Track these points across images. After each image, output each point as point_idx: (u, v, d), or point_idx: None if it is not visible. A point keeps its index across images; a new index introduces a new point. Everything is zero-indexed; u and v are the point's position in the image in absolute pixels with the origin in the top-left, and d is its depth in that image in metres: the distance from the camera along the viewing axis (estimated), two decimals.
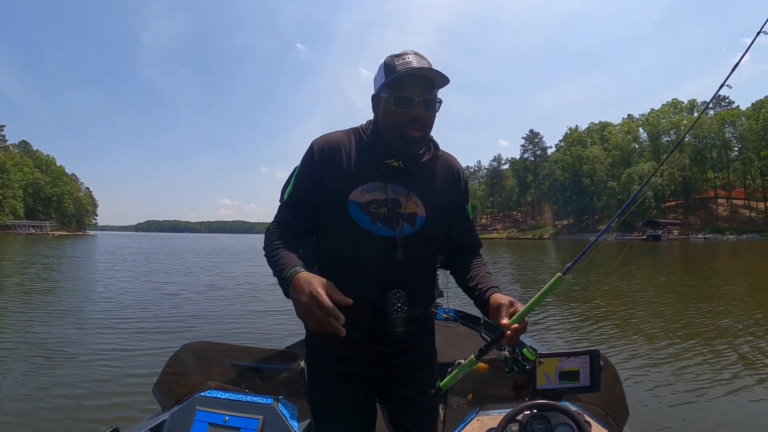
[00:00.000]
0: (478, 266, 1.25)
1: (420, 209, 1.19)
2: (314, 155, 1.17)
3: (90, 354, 4.53)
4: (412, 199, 1.18)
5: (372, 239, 1.14)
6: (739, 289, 9.92)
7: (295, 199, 1.19)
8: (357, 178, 1.16)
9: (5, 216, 75.80)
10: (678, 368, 4.16)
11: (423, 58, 1.13)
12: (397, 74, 1.09)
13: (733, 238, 58.75)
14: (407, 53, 1.12)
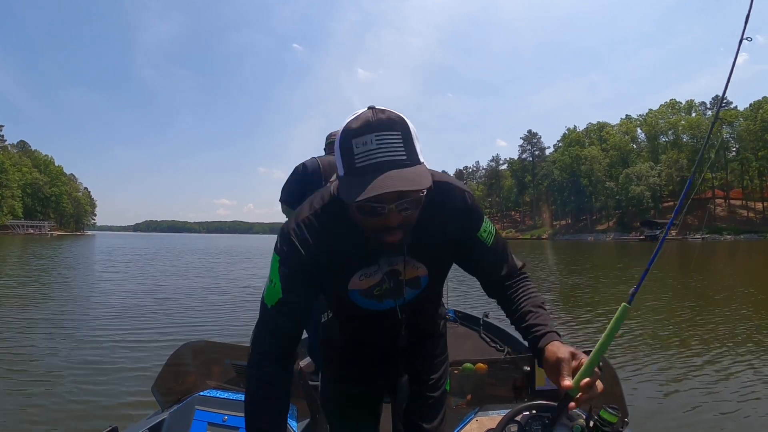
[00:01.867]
0: (524, 297, 1.08)
1: (421, 270, 1.09)
2: (300, 252, 0.96)
3: (89, 353, 4.53)
4: (410, 263, 1.06)
5: (379, 312, 1.12)
6: (739, 289, 9.95)
7: (286, 304, 0.99)
8: (350, 268, 1.03)
9: (4, 216, 75.65)
10: (677, 368, 4.17)
11: (391, 133, 0.85)
12: (356, 172, 0.84)
13: (730, 238, 58.93)
14: (368, 127, 0.84)
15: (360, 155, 0.83)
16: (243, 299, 8.41)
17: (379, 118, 0.84)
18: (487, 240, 1.06)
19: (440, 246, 1.07)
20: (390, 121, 0.84)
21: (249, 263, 18.62)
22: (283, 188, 2.97)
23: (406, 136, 0.85)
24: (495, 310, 6.50)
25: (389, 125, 0.84)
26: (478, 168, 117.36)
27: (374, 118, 0.84)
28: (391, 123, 0.84)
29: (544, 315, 1.04)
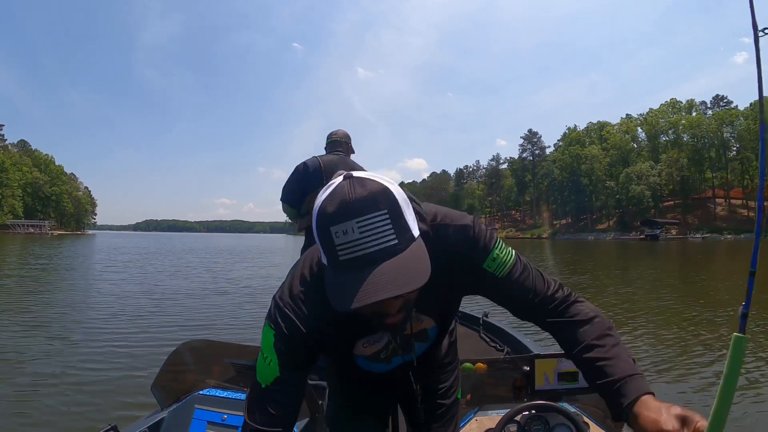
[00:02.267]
0: (578, 325, 0.86)
1: (428, 322, 1.00)
2: (298, 328, 0.84)
3: (88, 351, 4.53)
4: (415, 318, 0.97)
5: (388, 372, 1.07)
6: (740, 289, 9.95)
7: (284, 383, 0.86)
8: (353, 336, 0.97)
9: (4, 215, 75.70)
10: (677, 368, 4.17)
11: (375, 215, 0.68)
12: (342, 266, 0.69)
13: (731, 237, 58.90)
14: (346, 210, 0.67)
15: (343, 247, 0.68)
16: (243, 298, 8.41)
17: (358, 197, 0.67)
18: (498, 270, 0.88)
19: (447, 294, 0.97)
20: (372, 198, 0.67)
21: (249, 263, 18.63)
22: (284, 188, 2.98)
23: (395, 212, 0.69)
24: (495, 309, 6.53)
25: (372, 205, 0.67)
26: (479, 167, 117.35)
27: (352, 197, 0.67)
28: (374, 201, 0.67)
29: (615, 350, 0.80)
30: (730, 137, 69.97)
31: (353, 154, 3.15)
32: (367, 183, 0.69)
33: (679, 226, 68.68)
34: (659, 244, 44.82)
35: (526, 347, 2.21)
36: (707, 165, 72.90)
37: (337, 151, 3.01)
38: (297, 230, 3.08)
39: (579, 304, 0.90)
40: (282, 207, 3.03)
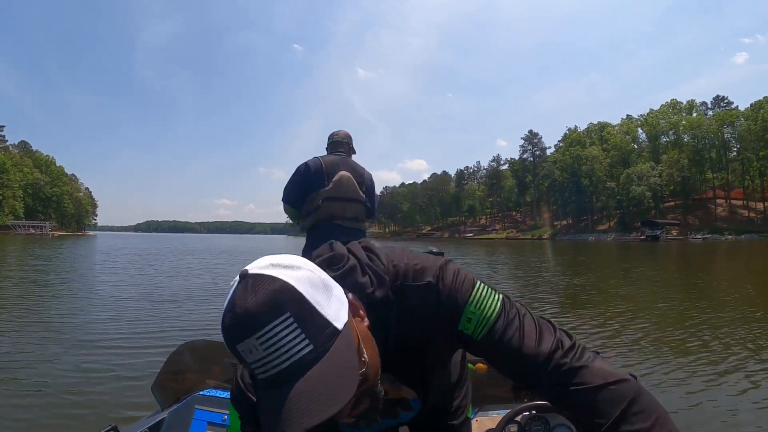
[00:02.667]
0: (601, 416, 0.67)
1: (408, 392, 0.86)
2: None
3: (89, 352, 4.53)
4: (393, 385, 0.84)
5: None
6: (741, 289, 9.94)
7: None
8: None
9: (5, 216, 75.73)
10: (678, 369, 4.17)
11: (275, 326, 0.54)
12: (262, 384, 0.58)
13: (731, 238, 58.82)
14: (245, 325, 0.55)
15: (255, 366, 0.56)
16: None
17: (253, 306, 0.54)
18: (477, 330, 0.71)
19: (424, 362, 0.81)
20: (269, 304, 0.55)
21: (250, 263, 18.61)
22: (285, 188, 2.98)
23: (302, 311, 0.56)
24: None
25: (270, 312, 0.54)
26: (479, 168, 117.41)
27: (246, 307, 0.55)
28: (273, 307, 0.54)
29: None
30: (731, 138, 69.99)
31: (354, 155, 3.15)
32: (262, 285, 0.57)
33: (679, 226, 68.65)
34: (660, 245, 44.78)
35: None
36: (708, 165, 72.88)
37: (338, 152, 3.01)
38: (299, 231, 3.07)
39: (589, 369, 0.70)
40: (283, 207, 3.03)
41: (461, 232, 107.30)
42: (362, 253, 0.76)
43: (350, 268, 0.72)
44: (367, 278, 0.72)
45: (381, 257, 0.76)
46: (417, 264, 0.75)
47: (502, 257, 23.86)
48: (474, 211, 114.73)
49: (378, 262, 0.74)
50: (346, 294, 0.64)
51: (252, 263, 0.62)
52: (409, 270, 0.75)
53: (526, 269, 16.10)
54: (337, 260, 0.73)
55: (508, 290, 10.00)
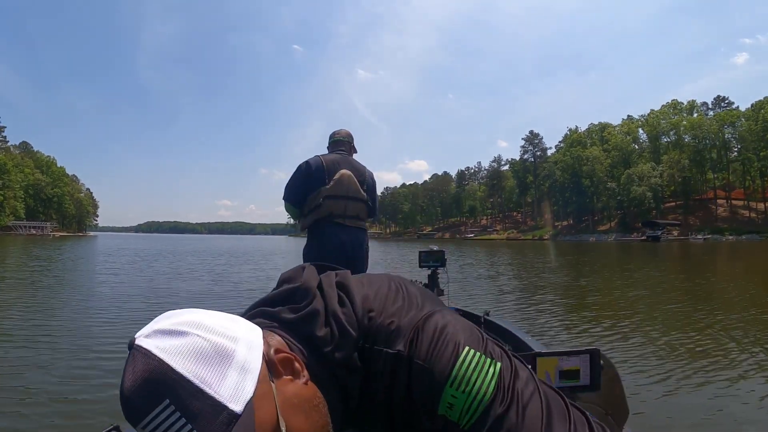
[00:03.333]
0: None
1: None
2: None
3: (90, 351, 4.53)
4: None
5: None
6: (742, 289, 9.93)
7: None
8: None
9: (6, 217, 75.84)
10: (679, 368, 4.16)
11: (158, 413, 0.46)
12: None
13: (732, 238, 58.74)
14: (131, 410, 0.48)
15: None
16: (244, 298, 8.42)
17: (132, 393, 0.47)
18: (464, 417, 0.54)
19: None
20: (147, 390, 0.46)
21: (251, 264, 18.63)
22: (286, 186, 2.98)
23: (182, 396, 0.46)
24: (496, 308, 6.48)
25: (149, 400, 0.46)
26: (480, 169, 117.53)
27: (127, 393, 0.47)
28: (150, 394, 0.46)
29: None
30: (732, 138, 69.96)
31: (356, 154, 3.16)
32: (141, 363, 0.48)
33: (680, 227, 68.58)
34: (661, 246, 44.69)
35: (528, 346, 2.21)
36: (708, 166, 72.85)
37: (339, 150, 3.01)
38: (299, 229, 3.08)
39: None
40: (284, 206, 3.03)
41: (462, 233, 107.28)
42: (333, 294, 0.63)
43: (309, 315, 0.60)
44: (328, 331, 0.59)
45: (355, 303, 0.62)
46: (392, 321, 0.61)
47: (505, 258, 23.84)
48: (475, 212, 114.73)
49: (349, 311, 0.61)
50: (269, 349, 0.53)
51: (146, 326, 0.53)
52: (381, 328, 0.61)
53: (530, 270, 16.10)
54: (299, 297, 0.64)
55: (512, 292, 9.99)
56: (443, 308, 0.64)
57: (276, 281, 0.67)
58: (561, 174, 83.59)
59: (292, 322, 0.60)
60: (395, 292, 0.65)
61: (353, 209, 2.92)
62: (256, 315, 0.64)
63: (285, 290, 0.66)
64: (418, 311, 0.61)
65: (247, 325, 0.56)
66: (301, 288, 0.64)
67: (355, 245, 2.93)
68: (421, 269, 3.38)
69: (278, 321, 0.61)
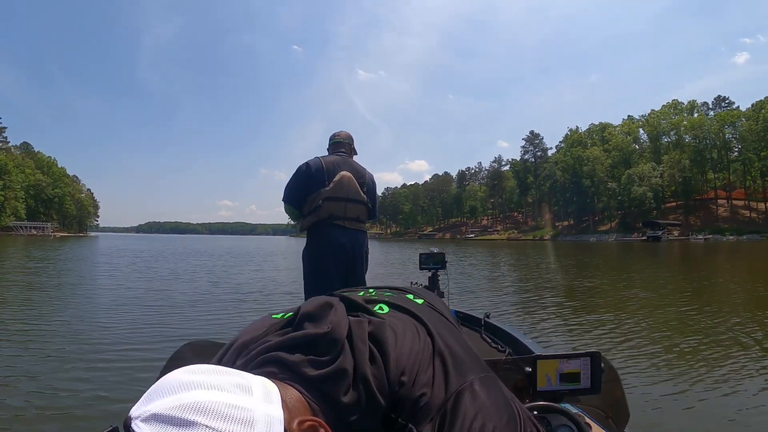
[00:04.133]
0: None
1: None
2: None
3: (90, 352, 4.53)
4: None
5: None
6: (743, 290, 9.91)
7: None
8: None
9: (7, 217, 75.90)
10: (680, 370, 4.15)
11: None
12: None
13: (733, 238, 58.67)
14: None
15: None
16: (245, 298, 8.41)
17: None
18: None
19: None
20: None
21: (252, 264, 18.62)
22: (286, 188, 2.97)
23: None
24: (496, 310, 6.47)
25: None
26: (481, 169, 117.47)
27: None
28: None
29: None
30: (732, 138, 69.89)
31: (356, 155, 3.15)
32: None
33: (681, 227, 68.50)
34: (661, 246, 44.65)
35: (528, 348, 2.20)
36: (709, 166, 72.77)
37: (339, 152, 3.01)
38: (299, 231, 3.07)
39: None
40: (284, 207, 3.02)
41: (463, 233, 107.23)
42: (364, 350, 0.57)
43: (335, 374, 0.54)
44: (355, 397, 0.54)
45: (389, 363, 0.56)
46: (423, 393, 0.55)
47: (505, 258, 23.82)
48: (475, 212, 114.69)
49: (381, 373, 0.56)
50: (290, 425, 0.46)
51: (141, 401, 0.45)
52: (411, 399, 0.55)
53: (531, 271, 16.07)
54: (323, 347, 0.57)
55: (513, 293, 9.98)
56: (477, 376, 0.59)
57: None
58: (561, 174, 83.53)
59: (313, 381, 0.54)
60: (427, 350, 0.60)
61: (353, 211, 2.91)
62: (269, 361, 0.56)
63: (307, 336, 0.59)
64: (449, 383, 0.57)
65: (262, 390, 0.47)
66: (328, 338, 0.58)
67: (355, 247, 2.92)
68: (421, 271, 3.37)
69: (297, 376, 0.54)
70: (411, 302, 0.72)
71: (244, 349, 0.62)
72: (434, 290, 3.34)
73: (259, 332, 0.64)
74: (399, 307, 0.69)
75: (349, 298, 0.69)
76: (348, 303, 0.67)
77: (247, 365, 0.57)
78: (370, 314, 0.66)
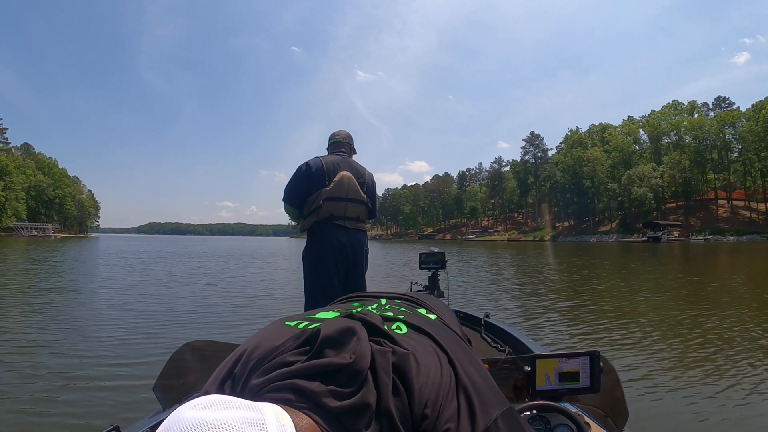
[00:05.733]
0: None
1: None
2: None
3: (90, 352, 4.53)
4: None
5: None
6: (743, 290, 9.91)
7: None
8: None
9: (8, 218, 75.95)
10: (680, 370, 4.15)
11: None
12: None
13: (733, 239, 58.62)
14: None
15: None
16: (245, 299, 8.41)
17: None
18: None
19: None
20: None
21: (253, 265, 18.63)
22: (286, 188, 2.98)
23: None
24: (496, 310, 6.48)
25: None
26: (481, 170, 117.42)
27: None
28: None
29: None
30: (732, 138, 69.87)
31: (355, 155, 3.16)
32: None
33: (681, 227, 68.44)
34: (662, 246, 44.61)
35: (528, 347, 2.21)
36: (709, 166, 72.72)
37: (339, 152, 3.01)
38: (299, 231, 3.08)
39: None
40: (284, 208, 3.03)
41: (463, 234, 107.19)
42: (388, 382, 0.56)
43: (356, 409, 0.53)
44: (376, 430, 0.53)
45: (413, 396, 0.55)
46: (449, 427, 0.55)
47: (505, 259, 23.80)
48: (476, 213, 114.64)
49: (404, 406, 0.55)
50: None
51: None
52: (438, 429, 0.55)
53: (530, 271, 16.06)
54: (345, 378, 0.55)
55: (513, 293, 9.97)
56: (499, 411, 0.59)
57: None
58: (562, 175, 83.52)
59: (333, 412, 0.52)
60: (450, 382, 0.60)
61: (353, 211, 2.92)
62: (287, 388, 0.53)
63: (328, 365, 0.56)
64: (475, 421, 0.56)
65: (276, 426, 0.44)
66: (351, 369, 0.55)
67: (356, 247, 2.93)
68: (421, 271, 3.38)
69: (316, 406, 0.52)
70: (426, 320, 0.70)
71: (259, 363, 0.59)
72: (434, 290, 3.35)
73: (275, 343, 0.61)
74: (417, 327, 0.68)
75: (370, 322, 0.66)
76: (369, 327, 0.65)
77: (262, 386, 0.55)
78: (392, 341, 0.63)
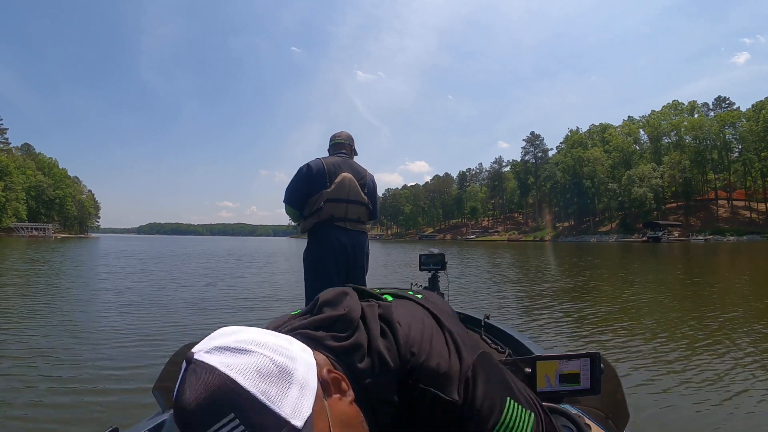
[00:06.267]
0: None
1: None
2: None
3: (90, 353, 4.53)
4: None
5: None
6: (747, 291, 9.90)
7: None
8: None
9: (8, 218, 75.99)
10: (681, 371, 4.15)
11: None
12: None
13: (733, 239, 58.60)
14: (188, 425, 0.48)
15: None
16: (245, 300, 8.41)
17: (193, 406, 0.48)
18: None
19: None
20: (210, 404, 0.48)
21: (253, 265, 18.63)
22: (287, 189, 2.98)
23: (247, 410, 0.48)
24: (496, 311, 6.48)
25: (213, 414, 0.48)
26: (481, 170, 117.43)
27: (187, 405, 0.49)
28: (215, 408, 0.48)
29: None
30: (732, 139, 69.87)
31: (356, 156, 3.15)
32: (204, 377, 0.49)
33: (681, 228, 68.43)
34: (662, 246, 44.59)
35: (528, 349, 2.20)
36: (709, 167, 72.74)
37: (340, 153, 3.01)
38: (300, 232, 3.08)
39: None
40: (285, 209, 3.03)
41: (463, 234, 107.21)
42: (376, 327, 0.65)
43: (351, 347, 0.62)
44: (369, 363, 0.62)
45: (398, 337, 0.64)
46: (439, 363, 0.63)
47: (506, 259, 23.79)
48: (476, 213, 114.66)
49: (391, 345, 0.63)
50: (321, 370, 0.56)
51: (202, 342, 0.52)
52: (428, 368, 0.62)
53: (531, 272, 16.06)
54: (341, 326, 0.65)
55: (513, 294, 9.96)
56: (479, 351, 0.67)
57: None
58: (562, 175, 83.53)
59: (334, 351, 0.61)
60: (434, 327, 0.69)
61: (354, 212, 2.92)
62: (296, 336, 0.63)
63: (327, 317, 0.65)
64: (466, 356, 0.65)
65: (300, 345, 0.56)
66: (345, 317, 0.65)
67: (356, 248, 2.93)
68: (421, 272, 3.37)
69: (321, 346, 0.62)
70: (413, 296, 0.80)
71: None
72: (434, 291, 3.34)
73: (281, 322, 0.71)
74: (403, 297, 0.79)
75: (360, 288, 0.78)
76: (359, 292, 0.76)
77: None
78: (379, 300, 0.76)
